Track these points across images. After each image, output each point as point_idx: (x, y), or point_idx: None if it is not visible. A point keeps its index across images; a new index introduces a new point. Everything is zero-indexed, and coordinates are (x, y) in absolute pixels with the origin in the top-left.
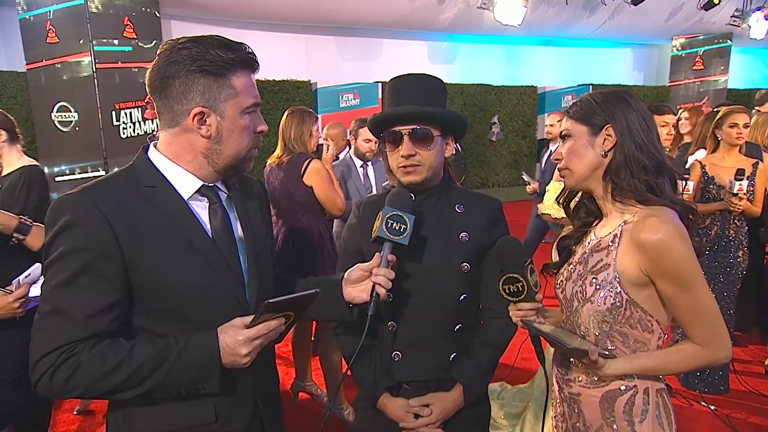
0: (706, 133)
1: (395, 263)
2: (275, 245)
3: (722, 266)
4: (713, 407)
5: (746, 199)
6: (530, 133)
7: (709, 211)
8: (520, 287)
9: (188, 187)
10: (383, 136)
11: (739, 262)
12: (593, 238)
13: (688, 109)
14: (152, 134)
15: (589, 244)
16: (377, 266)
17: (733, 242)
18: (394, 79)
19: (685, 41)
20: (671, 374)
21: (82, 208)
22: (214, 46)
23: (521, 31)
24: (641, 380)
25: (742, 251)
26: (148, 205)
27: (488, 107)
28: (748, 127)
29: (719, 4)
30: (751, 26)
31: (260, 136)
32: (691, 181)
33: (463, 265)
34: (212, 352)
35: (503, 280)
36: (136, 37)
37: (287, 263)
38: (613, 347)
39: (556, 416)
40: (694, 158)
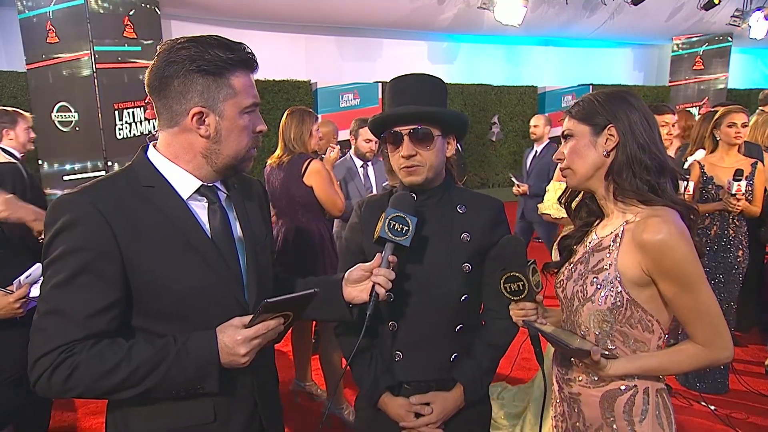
0: (704, 133)
1: (396, 264)
2: (275, 245)
3: (722, 266)
4: (713, 407)
5: (745, 199)
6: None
7: (707, 211)
8: (521, 286)
9: (187, 187)
10: (384, 136)
11: (739, 261)
12: (594, 237)
13: (677, 111)
14: (151, 134)
15: (590, 243)
16: (378, 266)
17: (732, 242)
18: (394, 79)
19: (685, 41)
20: (673, 374)
21: (81, 208)
22: (212, 45)
23: (521, 31)
24: (641, 380)
25: (741, 251)
26: (147, 205)
27: (488, 107)
28: (746, 126)
29: (719, 4)
30: (751, 26)
31: (259, 135)
32: (691, 181)
33: (464, 265)
34: (211, 351)
35: (505, 278)
36: (136, 37)
37: (287, 263)
38: (613, 347)
39: (556, 416)
40: (693, 158)
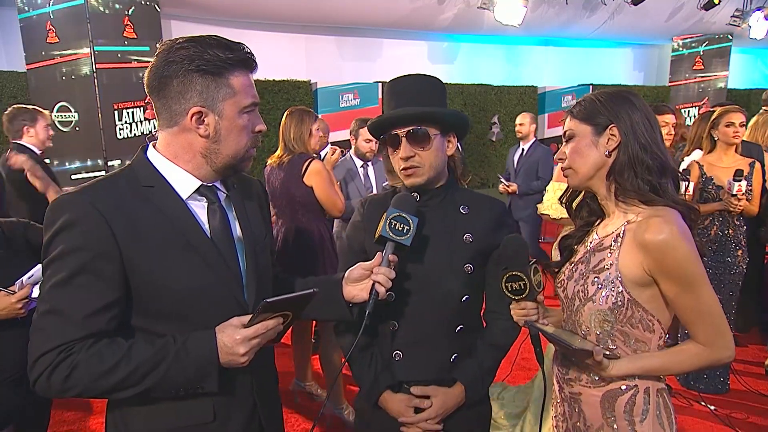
0: (702, 133)
1: (396, 263)
2: (275, 245)
3: (722, 266)
4: (713, 407)
5: (745, 199)
6: None
7: (708, 211)
8: (522, 285)
9: (187, 186)
10: (383, 138)
11: (738, 261)
12: (595, 237)
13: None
14: (151, 134)
15: (591, 243)
16: (378, 265)
17: (732, 242)
18: (391, 81)
19: (685, 41)
20: (674, 374)
21: (80, 208)
22: (212, 45)
23: (521, 31)
24: (642, 380)
25: (741, 251)
26: (146, 205)
27: (488, 107)
28: (743, 126)
29: (719, 4)
30: (751, 26)
31: (259, 135)
32: (691, 181)
33: (466, 266)
34: (210, 351)
35: (506, 278)
36: (136, 37)
37: (287, 263)
38: (614, 347)
39: (556, 416)
40: (690, 159)
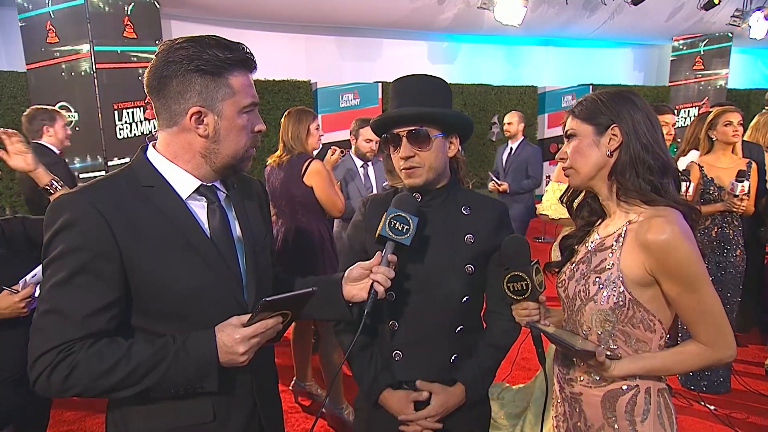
0: (698, 133)
1: (396, 263)
2: (275, 245)
3: (723, 267)
4: (713, 407)
5: (747, 199)
6: (530, 133)
7: (710, 212)
8: (524, 285)
9: (187, 186)
10: (386, 137)
11: (738, 261)
12: (596, 237)
13: None
14: (151, 134)
15: (592, 243)
16: (378, 264)
17: (732, 242)
18: (396, 80)
19: (685, 41)
20: (676, 374)
21: (80, 207)
22: (211, 45)
23: (521, 31)
24: (643, 380)
25: (739, 250)
26: (146, 205)
27: (488, 107)
28: (742, 125)
29: (719, 4)
30: (751, 26)
31: (258, 135)
32: (692, 182)
33: (467, 266)
34: (210, 351)
35: (508, 278)
36: (136, 36)
37: (287, 263)
38: (615, 347)
39: (557, 416)
40: (688, 159)
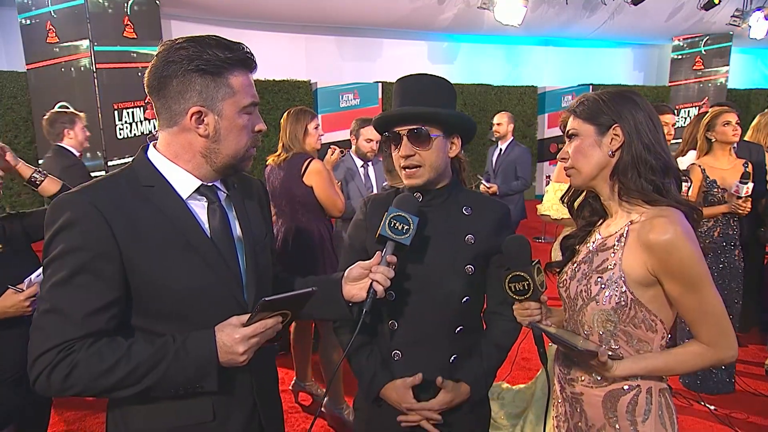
0: (696, 134)
1: (396, 263)
2: (275, 245)
3: (725, 267)
4: (713, 407)
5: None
6: (530, 133)
7: (714, 214)
8: (526, 285)
9: (187, 186)
10: (387, 135)
11: (738, 261)
12: (598, 237)
13: None
14: (152, 134)
15: (593, 243)
16: (377, 264)
17: (732, 242)
18: (399, 79)
19: (685, 41)
20: (678, 374)
21: (80, 207)
22: (211, 45)
23: (521, 31)
24: (644, 380)
25: (738, 250)
26: (146, 204)
27: (488, 107)
28: (739, 124)
29: (719, 4)
30: (751, 26)
31: (259, 135)
32: (694, 183)
33: (467, 267)
34: (210, 351)
35: (509, 278)
36: (136, 36)
37: (287, 263)
38: (617, 347)
39: (557, 416)
40: (687, 160)
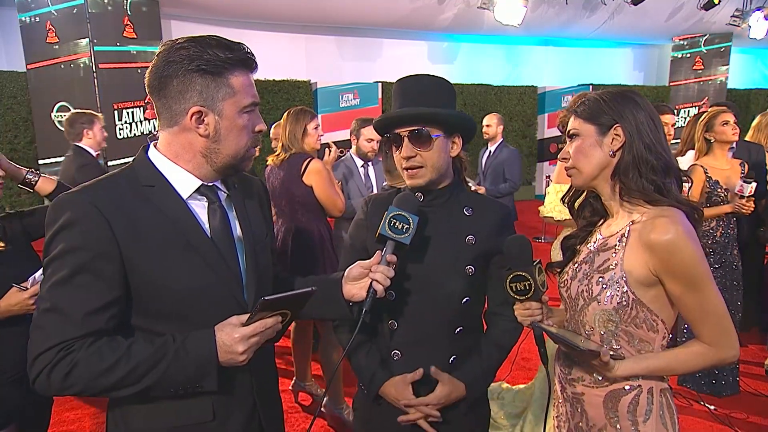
0: (694, 134)
1: (396, 263)
2: (275, 245)
3: (727, 266)
4: (713, 407)
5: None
6: (530, 133)
7: (717, 214)
8: (527, 285)
9: (187, 186)
10: (388, 137)
11: (737, 260)
12: (599, 237)
13: None
14: (153, 134)
15: (594, 243)
16: (377, 263)
17: (731, 242)
18: (399, 80)
19: (685, 41)
20: (680, 374)
21: (81, 207)
22: (211, 45)
23: (521, 31)
24: (645, 380)
25: (736, 249)
26: (147, 204)
27: (488, 107)
28: (737, 123)
29: (719, 4)
30: (751, 26)
31: (259, 135)
32: (695, 183)
33: (467, 267)
34: (209, 350)
35: (511, 278)
36: (136, 37)
37: (287, 263)
38: (618, 347)
39: (558, 416)
40: (686, 160)
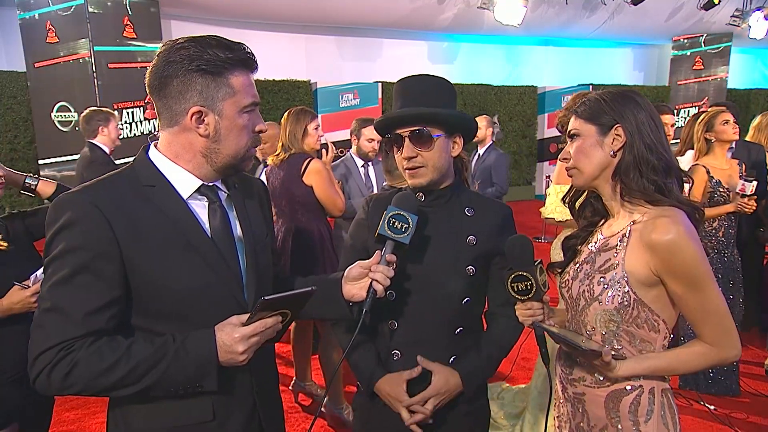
0: (693, 133)
1: (396, 262)
2: (276, 245)
3: (727, 266)
4: (713, 407)
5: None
6: (530, 133)
7: (720, 214)
8: (528, 285)
9: (188, 186)
10: (389, 137)
11: (737, 259)
12: (600, 237)
13: None
14: (153, 134)
15: (595, 243)
16: (377, 263)
17: (731, 242)
18: (399, 80)
19: (685, 41)
20: (681, 374)
21: (81, 207)
22: (211, 45)
23: (521, 31)
24: (647, 380)
25: (736, 250)
26: (147, 204)
27: (488, 107)
28: (736, 123)
29: (719, 4)
30: (751, 26)
31: (259, 135)
32: (697, 183)
33: (468, 268)
34: (209, 350)
35: (512, 278)
36: (136, 37)
37: (287, 263)
38: (619, 347)
39: (559, 416)
40: (686, 160)
